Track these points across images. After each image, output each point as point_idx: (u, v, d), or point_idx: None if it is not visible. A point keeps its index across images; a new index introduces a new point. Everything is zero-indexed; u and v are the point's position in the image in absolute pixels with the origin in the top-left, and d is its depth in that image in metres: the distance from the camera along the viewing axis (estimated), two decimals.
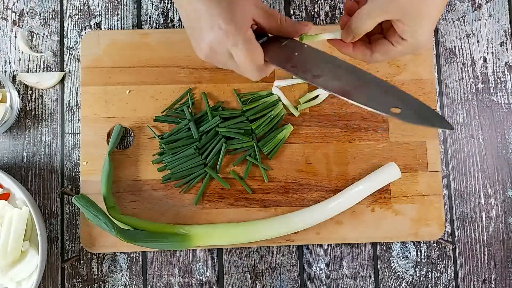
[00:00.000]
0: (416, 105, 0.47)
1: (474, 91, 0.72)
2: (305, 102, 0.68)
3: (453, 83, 0.72)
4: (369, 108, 0.46)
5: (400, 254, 0.69)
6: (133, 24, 0.72)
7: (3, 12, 0.72)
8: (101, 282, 0.67)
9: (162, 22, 0.72)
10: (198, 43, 0.46)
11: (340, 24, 0.52)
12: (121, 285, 0.68)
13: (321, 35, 0.53)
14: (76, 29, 0.72)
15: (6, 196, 0.64)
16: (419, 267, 0.69)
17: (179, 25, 0.72)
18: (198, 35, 0.45)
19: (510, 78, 0.72)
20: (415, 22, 0.45)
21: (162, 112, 0.68)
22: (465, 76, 0.72)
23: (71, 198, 0.68)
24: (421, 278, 0.68)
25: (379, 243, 0.69)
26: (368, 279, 0.68)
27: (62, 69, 0.71)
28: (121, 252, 0.68)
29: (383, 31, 0.52)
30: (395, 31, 0.48)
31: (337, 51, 0.53)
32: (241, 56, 0.45)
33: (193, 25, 0.46)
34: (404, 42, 0.48)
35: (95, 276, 0.68)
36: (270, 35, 0.51)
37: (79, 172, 0.68)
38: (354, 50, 0.51)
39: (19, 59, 0.71)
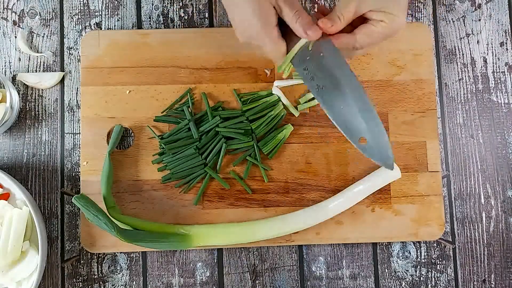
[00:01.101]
0: (381, 141, 0.53)
1: (474, 91, 0.72)
2: (305, 102, 0.68)
3: (453, 83, 0.72)
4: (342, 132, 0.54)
5: (400, 254, 0.69)
6: (133, 24, 0.72)
7: (3, 12, 0.72)
8: (101, 282, 0.67)
9: (162, 22, 0.72)
10: (236, 32, 0.55)
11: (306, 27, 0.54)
12: (121, 285, 0.68)
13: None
14: (76, 29, 0.72)
15: (6, 196, 0.64)
16: (419, 267, 0.69)
17: (179, 25, 0.72)
18: (236, 27, 0.54)
19: (510, 78, 0.72)
20: (394, 8, 0.52)
21: (162, 112, 0.68)
22: (465, 76, 0.72)
23: (71, 198, 0.68)
24: (421, 278, 0.68)
25: (379, 243, 0.69)
26: (368, 279, 0.68)
27: (62, 69, 0.71)
28: (121, 252, 0.68)
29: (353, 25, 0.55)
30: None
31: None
32: (268, 51, 0.55)
33: (233, 17, 0.54)
34: (384, 23, 0.52)
35: (95, 276, 0.68)
36: None
37: (79, 172, 0.68)
38: (338, 40, 0.53)
39: (19, 59, 0.71)
